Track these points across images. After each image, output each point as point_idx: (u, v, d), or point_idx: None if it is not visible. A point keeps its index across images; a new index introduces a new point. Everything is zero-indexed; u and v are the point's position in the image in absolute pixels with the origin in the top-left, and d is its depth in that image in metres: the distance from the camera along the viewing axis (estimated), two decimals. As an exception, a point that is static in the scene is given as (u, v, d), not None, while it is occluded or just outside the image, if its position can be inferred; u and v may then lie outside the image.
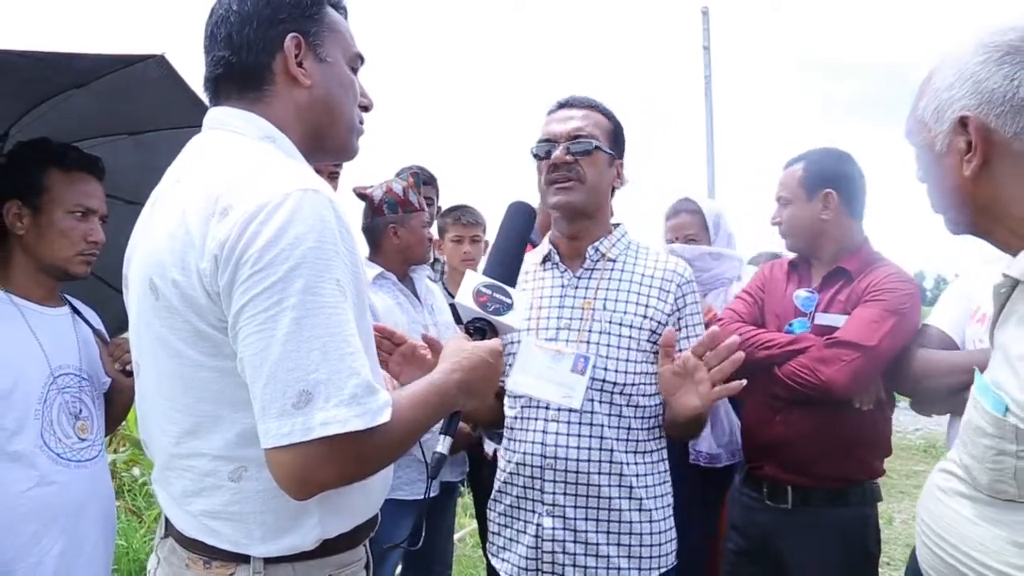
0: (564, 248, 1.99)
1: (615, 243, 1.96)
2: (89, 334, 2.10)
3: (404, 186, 2.82)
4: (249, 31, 1.24)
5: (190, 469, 1.20)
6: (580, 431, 1.82)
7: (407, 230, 2.77)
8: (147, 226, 1.25)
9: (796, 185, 2.34)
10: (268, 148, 1.22)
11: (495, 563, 1.95)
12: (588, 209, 1.91)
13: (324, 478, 1.09)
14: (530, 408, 1.89)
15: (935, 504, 1.29)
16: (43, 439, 1.87)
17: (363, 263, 1.22)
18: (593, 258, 1.94)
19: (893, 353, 2.11)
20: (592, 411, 1.82)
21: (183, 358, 1.15)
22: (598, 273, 1.93)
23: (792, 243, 2.41)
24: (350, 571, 1.30)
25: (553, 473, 1.82)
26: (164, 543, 1.30)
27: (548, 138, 1.91)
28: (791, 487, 2.22)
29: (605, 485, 1.80)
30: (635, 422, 1.85)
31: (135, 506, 4.63)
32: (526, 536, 1.86)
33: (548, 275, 1.99)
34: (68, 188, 1.96)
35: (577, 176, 1.87)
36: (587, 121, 1.90)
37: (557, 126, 1.91)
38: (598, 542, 1.80)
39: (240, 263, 1.05)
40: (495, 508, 1.97)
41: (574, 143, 1.87)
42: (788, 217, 2.37)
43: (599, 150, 1.88)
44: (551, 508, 1.82)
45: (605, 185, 1.93)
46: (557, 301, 1.93)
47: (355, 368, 1.07)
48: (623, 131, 1.98)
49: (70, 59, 1.90)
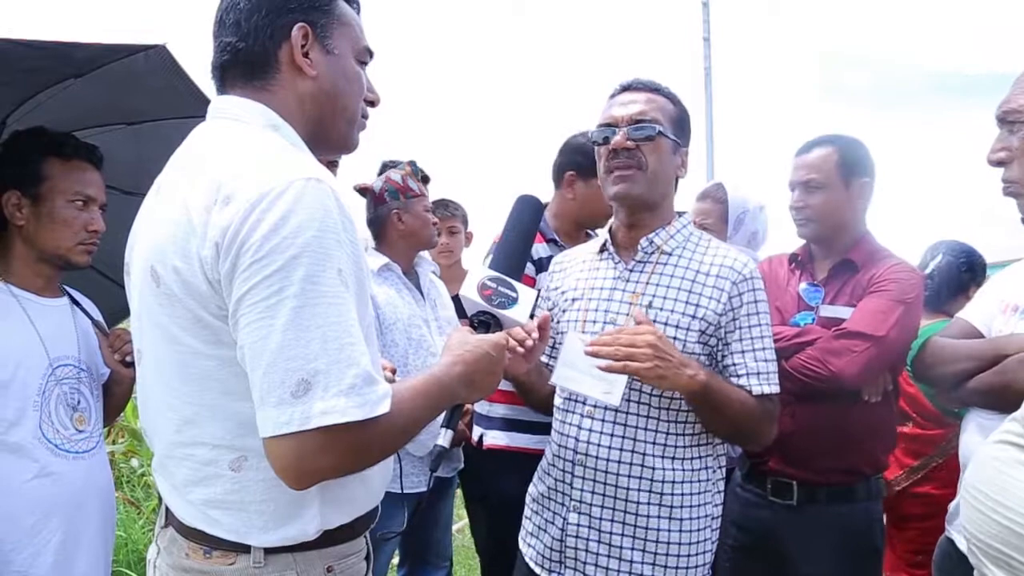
0: (622, 237, 1.89)
1: (673, 235, 1.85)
2: (88, 325, 2.09)
3: (403, 174, 2.83)
4: (257, 18, 1.24)
5: (190, 458, 1.20)
6: (613, 431, 1.76)
7: (411, 215, 2.78)
8: (150, 214, 1.25)
9: (833, 169, 2.22)
10: (272, 137, 1.22)
11: (522, 547, 1.93)
12: (650, 200, 1.81)
13: (322, 468, 1.09)
14: (570, 401, 1.85)
15: (994, 474, 1.31)
16: (41, 430, 1.87)
17: (364, 254, 1.22)
18: (647, 250, 1.83)
19: (901, 343, 2.10)
20: (627, 412, 1.75)
21: (183, 346, 1.15)
22: (650, 267, 1.83)
23: (815, 230, 2.29)
24: (350, 562, 1.30)
25: (583, 470, 1.78)
26: (164, 532, 1.30)
27: (608, 123, 1.80)
28: (796, 483, 2.19)
29: (634, 489, 1.74)
30: (673, 427, 1.75)
31: (134, 497, 4.63)
32: (553, 527, 1.83)
33: (603, 265, 1.90)
34: (67, 177, 1.95)
35: (638, 163, 1.76)
36: (651, 105, 1.79)
37: (618, 110, 1.80)
38: (622, 545, 1.74)
39: (242, 251, 1.05)
40: (531, 493, 1.94)
41: (636, 128, 1.76)
42: (821, 203, 2.24)
43: (662, 136, 1.76)
44: (578, 504, 1.78)
45: (669, 174, 1.82)
46: (607, 294, 1.84)
47: (355, 358, 1.07)
48: (689, 118, 1.89)
49: (71, 48, 1.88)
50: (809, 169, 2.26)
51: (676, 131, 1.82)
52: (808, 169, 2.26)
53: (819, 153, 2.26)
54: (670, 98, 1.84)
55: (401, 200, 2.78)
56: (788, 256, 2.44)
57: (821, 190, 2.23)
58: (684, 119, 1.86)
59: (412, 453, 2.60)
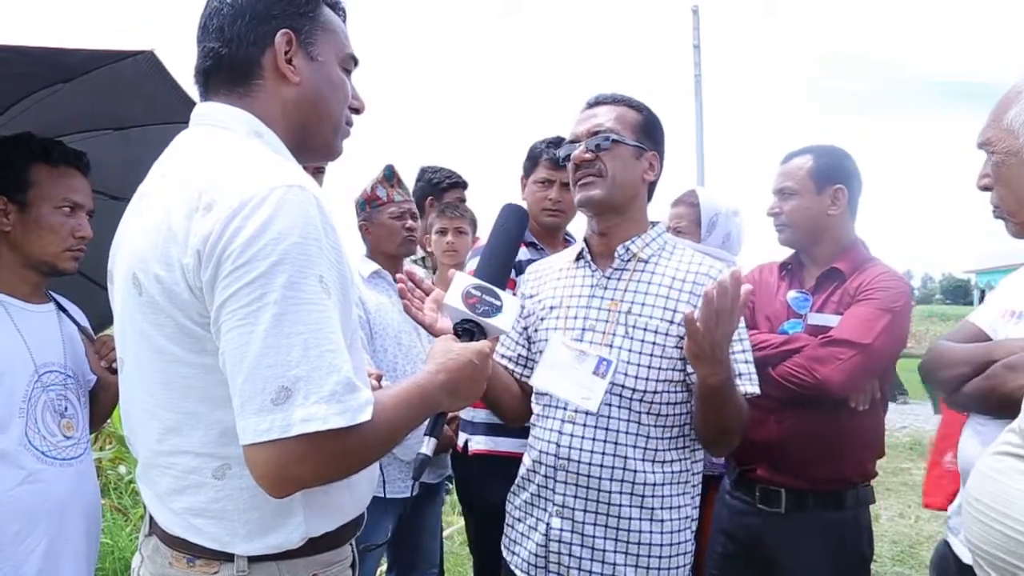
0: (595, 245, 1.94)
1: (649, 243, 1.90)
2: (74, 331, 2.08)
3: (373, 182, 2.82)
4: (241, 24, 1.23)
5: (173, 466, 1.20)
6: (595, 435, 1.78)
7: (376, 225, 2.80)
8: (132, 221, 1.24)
9: (805, 177, 2.28)
10: (255, 144, 1.21)
11: (506, 555, 1.94)
12: (613, 203, 1.86)
13: (302, 476, 1.08)
14: (550, 407, 1.86)
15: (993, 484, 1.33)
16: (27, 437, 1.86)
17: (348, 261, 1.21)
18: (623, 257, 1.88)
19: (888, 351, 2.11)
20: (608, 415, 1.78)
21: (166, 354, 1.15)
22: (628, 274, 1.87)
23: (791, 236, 2.35)
24: (336, 570, 1.29)
25: (565, 474, 1.80)
26: (148, 541, 1.29)
27: (573, 139, 1.90)
28: (785, 490, 2.20)
29: (616, 492, 1.76)
30: (654, 430, 1.79)
31: (121, 504, 4.59)
32: (536, 534, 1.84)
33: (580, 274, 1.94)
34: (55, 183, 1.94)
35: (598, 171, 1.83)
36: (608, 116, 1.87)
37: (579, 126, 1.89)
38: (604, 548, 1.77)
39: (223, 258, 1.04)
40: (513, 501, 1.96)
41: (593, 139, 1.84)
42: (792, 209, 2.30)
43: (619, 143, 1.84)
44: (560, 509, 1.80)
45: (632, 178, 1.87)
46: (585, 301, 1.88)
47: (336, 365, 1.06)
48: (657, 122, 1.94)
49: (59, 55, 1.88)
50: (785, 177, 2.33)
51: (639, 137, 1.87)
52: (784, 177, 2.34)
53: (796, 162, 2.33)
54: (633, 107, 1.91)
55: (367, 210, 2.80)
56: (779, 264, 2.46)
57: (794, 196, 2.30)
58: (650, 125, 1.92)
59: (399, 457, 2.60)
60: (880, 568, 4.59)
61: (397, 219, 2.81)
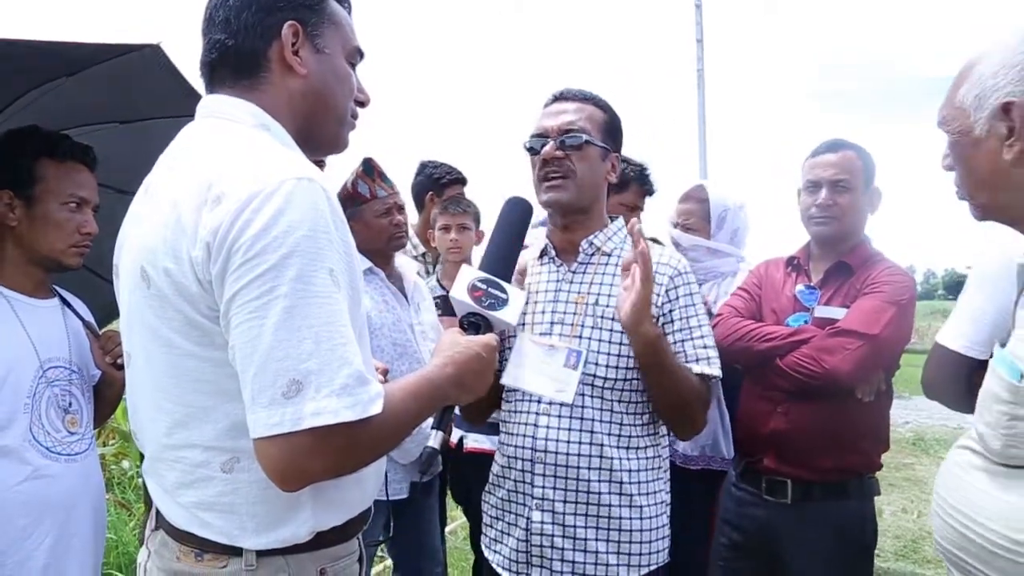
0: (559, 242, 1.97)
1: (610, 237, 1.94)
2: (79, 326, 2.08)
3: (353, 178, 2.72)
4: (247, 15, 1.23)
5: (181, 460, 1.19)
6: (571, 425, 1.81)
7: (359, 223, 2.63)
8: (139, 214, 1.24)
9: (859, 173, 2.28)
10: (262, 136, 1.21)
11: (487, 554, 1.95)
12: (580, 204, 1.89)
13: (313, 469, 1.08)
14: (523, 402, 1.88)
15: (951, 479, 1.33)
16: (32, 433, 1.86)
17: (356, 254, 1.21)
18: (587, 252, 1.92)
19: (894, 342, 2.13)
20: (583, 406, 1.81)
21: (174, 348, 1.14)
22: (592, 268, 1.91)
23: (836, 229, 2.30)
24: (343, 564, 1.29)
25: (543, 467, 1.82)
26: (155, 535, 1.29)
27: (540, 133, 1.89)
28: (791, 481, 2.22)
29: (595, 480, 1.79)
30: (627, 418, 1.83)
31: (124, 499, 4.61)
32: (517, 529, 1.86)
33: (544, 270, 1.97)
34: (62, 178, 1.93)
35: (567, 172, 1.84)
36: (579, 115, 1.87)
37: (548, 120, 1.88)
38: (587, 537, 1.79)
39: (232, 251, 1.04)
40: (488, 500, 1.97)
41: (565, 137, 1.84)
42: (848, 203, 2.27)
43: (590, 144, 1.85)
44: (540, 502, 1.82)
45: (598, 179, 1.90)
46: (552, 296, 1.91)
47: (347, 358, 1.06)
48: (620, 123, 1.96)
49: (65, 48, 1.87)
50: (839, 169, 2.28)
51: (605, 138, 1.89)
52: (838, 169, 2.28)
53: (845, 155, 2.29)
54: (600, 106, 1.92)
55: (350, 209, 2.63)
56: (785, 259, 2.47)
57: (850, 192, 2.27)
58: (614, 126, 1.94)
59: (397, 460, 2.57)
60: (883, 563, 4.59)
61: (383, 216, 2.70)
